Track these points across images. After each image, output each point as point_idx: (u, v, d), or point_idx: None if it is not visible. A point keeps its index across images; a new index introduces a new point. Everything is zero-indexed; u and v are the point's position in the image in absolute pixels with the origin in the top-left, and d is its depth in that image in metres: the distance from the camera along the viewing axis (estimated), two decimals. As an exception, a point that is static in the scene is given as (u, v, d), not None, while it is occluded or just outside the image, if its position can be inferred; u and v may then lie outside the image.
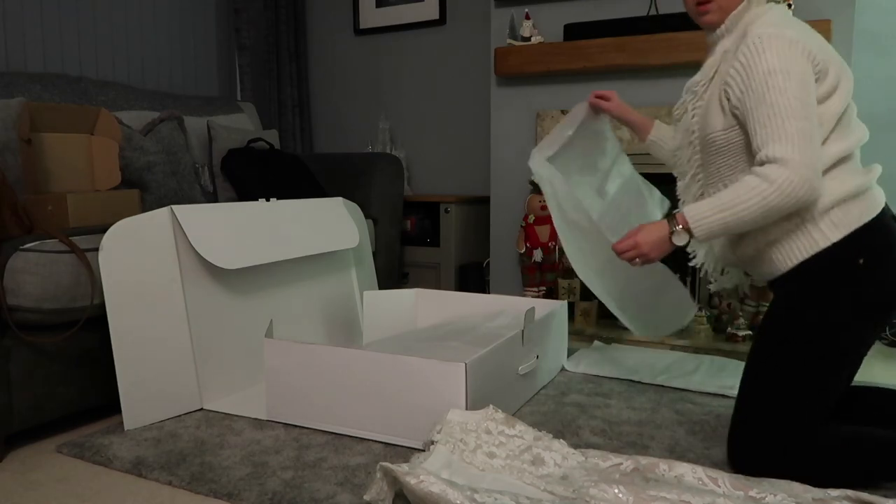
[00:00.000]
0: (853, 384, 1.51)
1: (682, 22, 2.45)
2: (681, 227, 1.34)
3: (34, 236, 1.55)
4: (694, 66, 2.54)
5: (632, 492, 1.18)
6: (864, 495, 1.18)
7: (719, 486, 1.22)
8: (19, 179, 1.90)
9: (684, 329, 2.53)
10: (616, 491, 1.19)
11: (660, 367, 2.10)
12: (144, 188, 2.32)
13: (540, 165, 1.76)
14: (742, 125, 1.35)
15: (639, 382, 2.00)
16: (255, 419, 1.71)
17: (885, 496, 1.24)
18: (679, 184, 1.60)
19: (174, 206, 1.76)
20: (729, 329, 2.38)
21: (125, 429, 1.63)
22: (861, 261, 1.28)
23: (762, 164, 1.28)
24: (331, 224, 2.26)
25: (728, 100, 1.36)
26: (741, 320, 2.37)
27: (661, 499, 1.16)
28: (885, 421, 1.40)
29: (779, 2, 1.42)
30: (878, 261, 1.29)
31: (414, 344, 1.91)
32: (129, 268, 1.64)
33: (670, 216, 1.38)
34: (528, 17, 2.74)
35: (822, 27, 2.25)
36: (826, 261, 1.31)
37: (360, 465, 1.43)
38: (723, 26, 1.43)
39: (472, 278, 3.23)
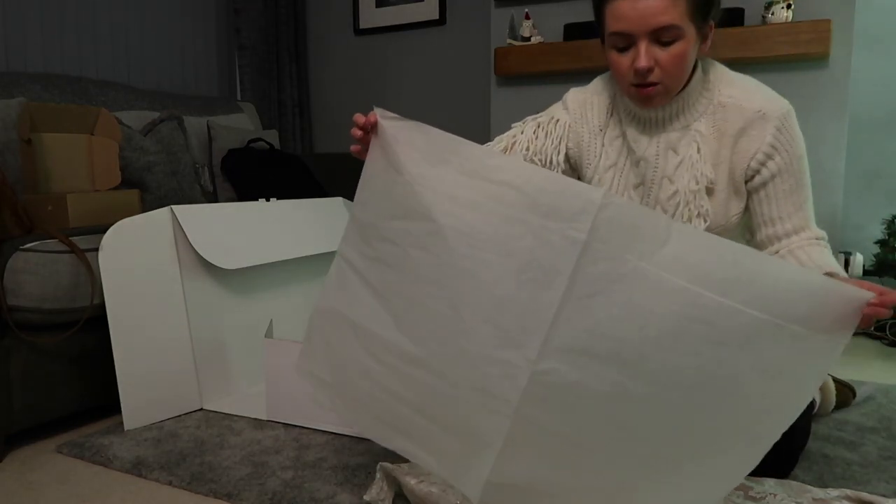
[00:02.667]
0: None
1: (682, 22, 2.45)
2: None
3: (34, 236, 1.55)
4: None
5: (631, 492, 1.18)
6: (864, 495, 1.18)
7: None
8: (19, 179, 1.90)
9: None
10: (616, 491, 1.18)
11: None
12: (144, 188, 2.32)
13: None
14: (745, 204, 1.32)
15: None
16: (255, 419, 1.71)
17: (885, 496, 1.24)
18: None
19: (174, 206, 1.76)
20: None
21: (125, 429, 1.63)
22: None
23: (806, 240, 1.27)
24: (331, 224, 2.26)
25: (751, 180, 1.28)
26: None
27: (661, 499, 1.16)
28: None
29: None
30: None
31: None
32: (129, 268, 1.64)
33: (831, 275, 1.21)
34: (528, 17, 2.74)
35: (822, 27, 2.25)
36: None
37: (360, 465, 1.43)
38: (675, 104, 1.29)
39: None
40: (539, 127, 1.43)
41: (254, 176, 2.66)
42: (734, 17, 2.40)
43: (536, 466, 0.96)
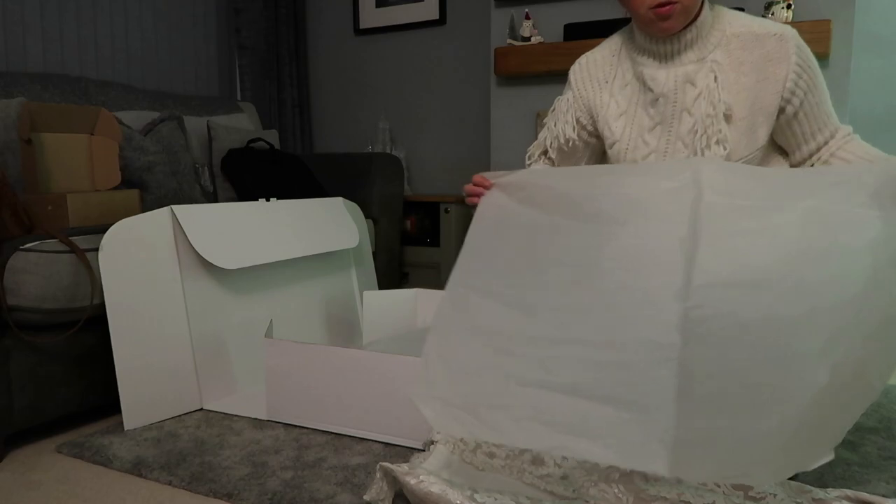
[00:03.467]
0: None
1: (682, 22, 2.45)
2: None
3: (34, 236, 1.55)
4: (694, 66, 2.55)
5: (631, 491, 1.18)
6: (864, 495, 1.18)
7: (719, 486, 1.22)
8: (19, 179, 1.90)
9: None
10: (616, 491, 1.19)
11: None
12: (144, 188, 2.32)
13: None
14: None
15: (639, 382, 2.00)
16: (255, 419, 1.71)
17: (885, 496, 1.24)
18: None
19: (174, 206, 1.76)
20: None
21: (125, 429, 1.63)
22: None
23: (841, 140, 1.38)
24: (331, 224, 2.26)
25: (787, 103, 1.32)
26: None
27: (661, 499, 1.16)
28: None
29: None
30: None
31: (414, 344, 1.91)
32: (129, 268, 1.64)
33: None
34: (528, 17, 2.74)
35: (822, 27, 2.25)
36: None
37: (360, 465, 1.43)
38: (690, 33, 1.33)
39: (472, 278, 3.23)
40: (553, 112, 1.53)
41: (254, 176, 2.66)
42: (734, 17, 2.40)
43: (716, 416, 0.96)
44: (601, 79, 1.45)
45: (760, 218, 1.00)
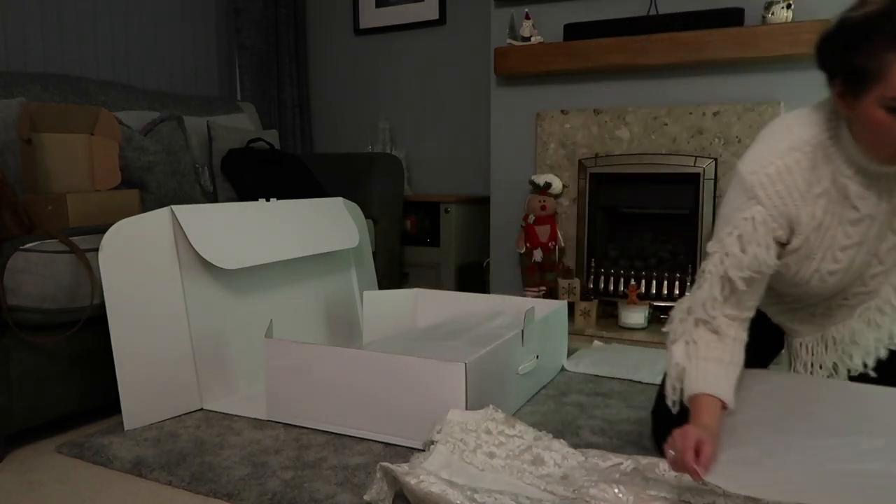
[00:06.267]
0: None
1: (681, 22, 2.45)
2: None
3: (34, 236, 1.55)
4: (694, 66, 2.56)
5: (632, 492, 1.18)
6: None
7: (719, 487, 1.22)
8: (19, 179, 1.90)
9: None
10: (616, 491, 1.19)
11: (660, 366, 2.10)
12: (144, 188, 2.32)
13: None
14: None
15: (639, 382, 2.00)
16: (255, 419, 1.71)
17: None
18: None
19: (174, 206, 1.76)
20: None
21: (125, 429, 1.63)
22: None
23: None
24: (331, 224, 2.26)
25: None
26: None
27: (661, 499, 1.16)
28: None
29: None
30: None
31: (414, 344, 1.91)
32: (129, 268, 1.64)
33: None
34: (528, 17, 2.74)
35: (822, 27, 2.25)
36: None
37: (360, 465, 1.43)
38: None
39: (472, 278, 3.23)
40: (740, 238, 1.21)
41: (254, 176, 2.66)
42: (734, 17, 2.40)
43: None
44: (802, 189, 1.20)
45: None
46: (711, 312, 1.22)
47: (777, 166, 1.19)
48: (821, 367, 1.36)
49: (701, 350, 1.21)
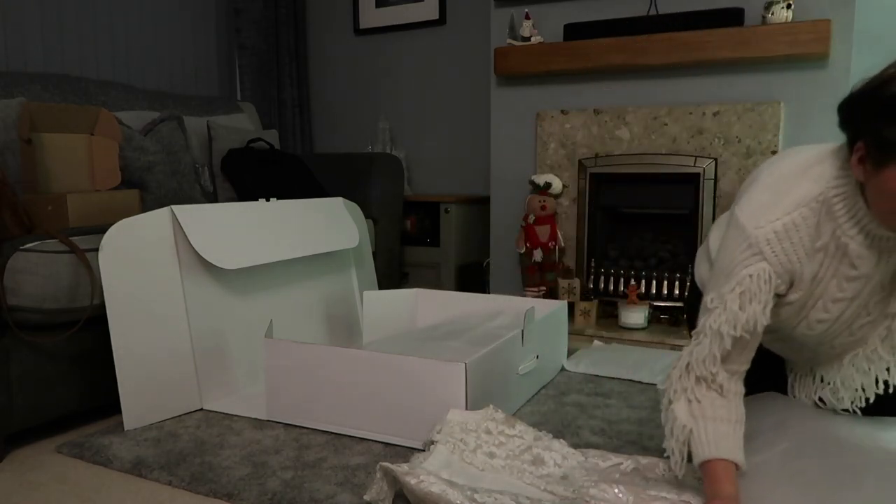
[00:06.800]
0: None
1: (681, 22, 2.45)
2: None
3: (34, 236, 1.55)
4: (694, 66, 2.56)
5: (632, 492, 1.18)
6: None
7: None
8: (19, 179, 1.90)
9: (679, 326, 2.53)
10: (616, 491, 1.19)
11: (660, 366, 2.10)
12: (144, 188, 2.32)
13: None
14: None
15: (639, 382, 2.00)
16: (255, 419, 1.71)
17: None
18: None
19: (174, 206, 1.76)
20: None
21: (125, 429, 1.63)
22: None
23: None
24: (331, 224, 2.26)
25: None
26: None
27: (661, 499, 1.16)
28: None
29: None
30: None
31: (414, 344, 1.91)
32: (129, 268, 1.64)
33: None
34: (528, 17, 2.74)
35: (822, 27, 2.25)
36: None
37: (360, 465, 1.43)
38: None
39: (472, 278, 3.23)
40: (742, 296, 1.18)
41: (254, 176, 2.66)
42: (734, 17, 2.40)
43: None
44: (808, 245, 1.18)
45: None
46: (713, 369, 1.18)
47: (784, 223, 1.15)
48: (815, 398, 1.39)
49: (707, 410, 1.17)
